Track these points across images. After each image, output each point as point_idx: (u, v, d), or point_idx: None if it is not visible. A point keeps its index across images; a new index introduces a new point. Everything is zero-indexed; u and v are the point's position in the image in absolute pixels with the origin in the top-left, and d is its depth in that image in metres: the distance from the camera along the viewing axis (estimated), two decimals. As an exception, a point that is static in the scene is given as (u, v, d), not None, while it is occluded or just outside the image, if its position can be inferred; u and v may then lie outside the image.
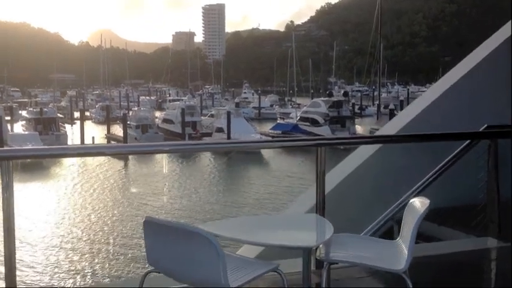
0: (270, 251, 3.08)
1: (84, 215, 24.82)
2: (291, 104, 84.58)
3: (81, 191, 30.74)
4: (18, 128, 51.47)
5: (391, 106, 50.45)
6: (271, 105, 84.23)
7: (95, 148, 3.60)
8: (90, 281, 16.57)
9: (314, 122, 50.27)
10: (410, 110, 5.62)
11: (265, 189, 30.55)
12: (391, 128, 5.05)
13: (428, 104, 5.10)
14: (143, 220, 2.74)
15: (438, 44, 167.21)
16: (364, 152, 4.74)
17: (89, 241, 20.89)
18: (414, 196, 3.83)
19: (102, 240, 20.72)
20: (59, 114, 52.06)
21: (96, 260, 18.70)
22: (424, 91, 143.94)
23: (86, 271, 17.39)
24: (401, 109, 67.11)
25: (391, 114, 47.85)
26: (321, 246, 3.02)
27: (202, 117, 56.65)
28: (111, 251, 19.38)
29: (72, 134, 50.21)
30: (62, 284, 15.97)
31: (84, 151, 3.26)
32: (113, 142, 48.99)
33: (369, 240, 3.60)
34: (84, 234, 21.90)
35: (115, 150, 3.15)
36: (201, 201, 27.09)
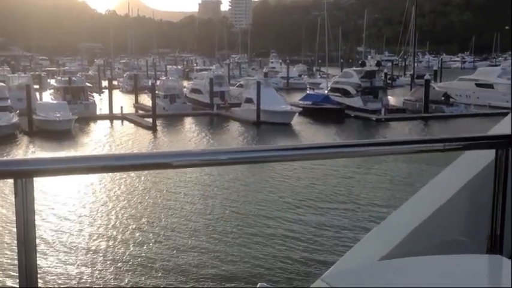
0: None
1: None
2: (319, 74, 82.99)
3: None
4: (47, 96, 51.30)
5: (427, 76, 48.59)
6: (300, 75, 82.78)
7: (156, 157, 1.81)
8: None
9: (345, 93, 48.93)
10: None
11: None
12: None
13: None
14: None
15: (471, 13, 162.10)
16: (476, 156, 2.57)
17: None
18: None
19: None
20: (87, 84, 51.70)
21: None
22: (456, 60, 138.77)
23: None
24: (435, 79, 65.32)
25: (427, 85, 46.16)
26: None
27: (230, 87, 55.72)
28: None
29: (101, 103, 49.84)
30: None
31: (139, 162, 1.83)
32: (140, 112, 48.57)
33: None
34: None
35: (182, 159, 1.67)
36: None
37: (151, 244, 17.05)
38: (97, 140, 37.10)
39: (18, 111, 38.18)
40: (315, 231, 17.84)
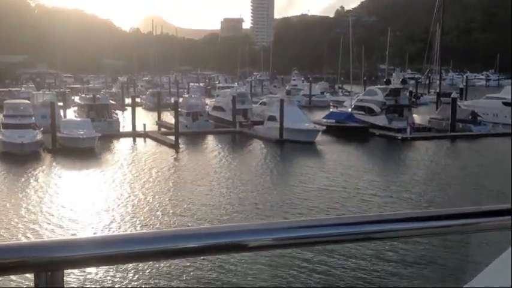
0: None
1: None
2: (342, 92, 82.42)
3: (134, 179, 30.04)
4: (71, 113, 51.57)
5: (454, 95, 47.72)
6: (322, 93, 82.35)
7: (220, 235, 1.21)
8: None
9: (370, 111, 48.32)
10: None
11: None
12: None
13: None
14: None
15: (495, 30, 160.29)
16: None
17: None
18: None
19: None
20: (111, 101, 51.85)
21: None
22: (480, 78, 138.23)
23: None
24: (461, 98, 64.27)
25: (454, 104, 45.31)
26: None
27: (253, 105, 55.44)
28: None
29: (123, 120, 49.91)
30: None
31: (205, 243, 1.22)
32: (163, 129, 48.46)
33: None
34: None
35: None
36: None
37: None
38: (120, 158, 36.93)
39: (42, 129, 38.26)
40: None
